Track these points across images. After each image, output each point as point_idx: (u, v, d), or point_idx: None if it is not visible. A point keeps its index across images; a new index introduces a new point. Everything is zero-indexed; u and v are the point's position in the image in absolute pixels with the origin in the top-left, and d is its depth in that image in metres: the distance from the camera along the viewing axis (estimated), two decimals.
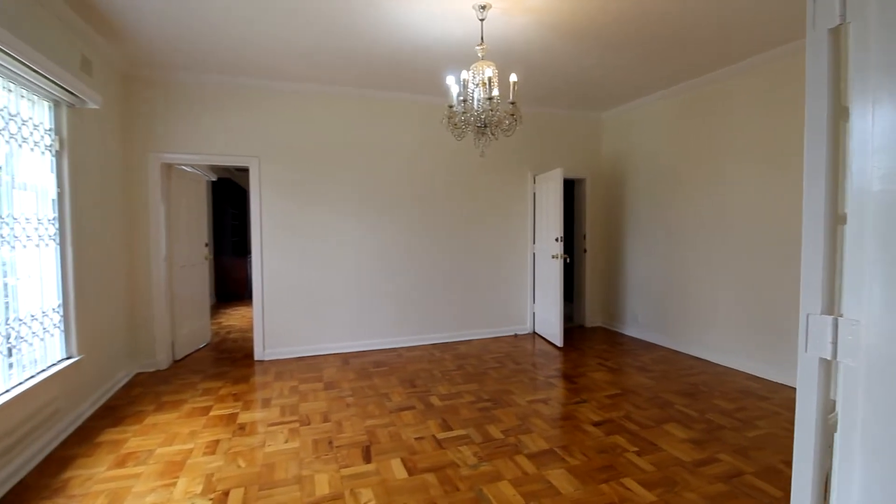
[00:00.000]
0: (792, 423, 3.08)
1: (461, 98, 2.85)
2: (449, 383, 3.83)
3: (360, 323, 4.88)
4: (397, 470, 2.48)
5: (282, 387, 3.78)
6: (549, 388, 3.75)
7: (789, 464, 2.53)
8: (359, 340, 4.88)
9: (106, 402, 3.46)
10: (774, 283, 3.88)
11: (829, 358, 1.06)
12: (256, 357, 4.56)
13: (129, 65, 4.01)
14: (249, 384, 3.86)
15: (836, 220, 1.07)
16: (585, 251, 5.85)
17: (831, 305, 1.07)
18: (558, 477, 2.41)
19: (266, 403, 3.43)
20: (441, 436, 2.88)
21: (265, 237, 4.52)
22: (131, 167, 4.13)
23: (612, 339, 5.29)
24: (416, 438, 2.84)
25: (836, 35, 1.05)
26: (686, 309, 4.72)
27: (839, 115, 1.05)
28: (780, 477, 2.41)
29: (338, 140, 4.73)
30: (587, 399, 3.48)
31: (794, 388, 3.61)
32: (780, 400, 3.45)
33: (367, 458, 2.60)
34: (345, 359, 4.57)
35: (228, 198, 8.37)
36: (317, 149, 4.66)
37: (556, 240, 4.85)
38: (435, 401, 3.45)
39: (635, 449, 2.70)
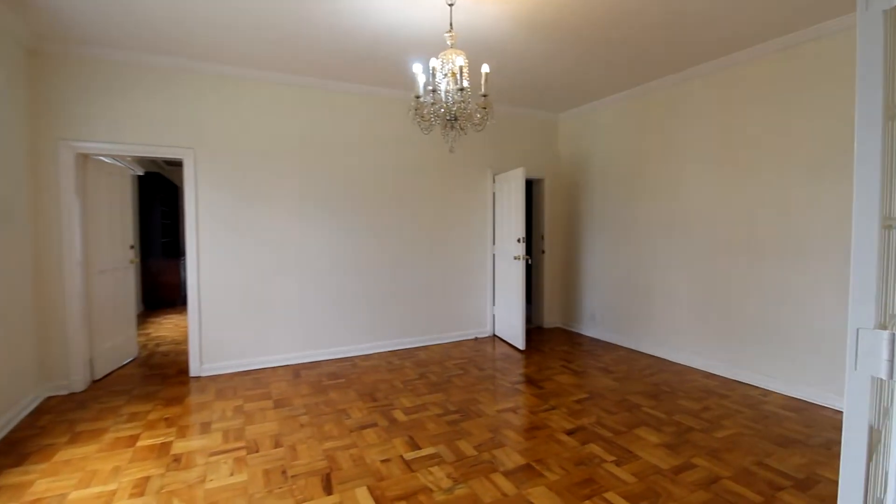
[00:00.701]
0: (754, 420, 3.15)
1: (430, 88, 2.62)
2: (412, 394, 3.59)
3: (312, 331, 4.52)
4: (364, 501, 2.21)
5: (224, 407, 3.37)
6: (516, 395, 3.61)
7: (762, 465, 2.54)
8: (311, 350, 4.51)
9: (7, 436, 2.91)
10: (729, 282, 3.98)
11: (883, 377, 0.95)
12: (192, 373, 4.08)
13: (35, 38, 3.42)
14: (185, 405, 3.41)
15: (886, 225, 0.97)
16: (544, 252, 5.82)
17: (885, 319, 0.97)
18: (540, 496, 2.25)
19: (205, 428, 3.02)
20: (409, 456, 2.64)
21: (202, 238, 4.05)
22: (39, 157, 3.53)
23: (572, 340, 5.28)
24: (381, 461, 2.59)
25: (892, 18, 0.95)
26: (643, 309, 4.78)
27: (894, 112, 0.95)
28: (756, 480, 2.39)
29: (287, 133, 4.34)
30: (556, 405, 3.38)
31: (749, 385, 3.60)
32: (739, 397, 3.53)
33: (329, 489, 2.31)
34: (296, 371, 4.19)
35: (157, 194, 7.59)
36: (263, 142, 4.25)
37: (518, 241, 4.74)
38: (399, 415, 3.20)
39: (613, 458, 2.61)
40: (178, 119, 3.94)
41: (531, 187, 5.98)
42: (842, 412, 3.19)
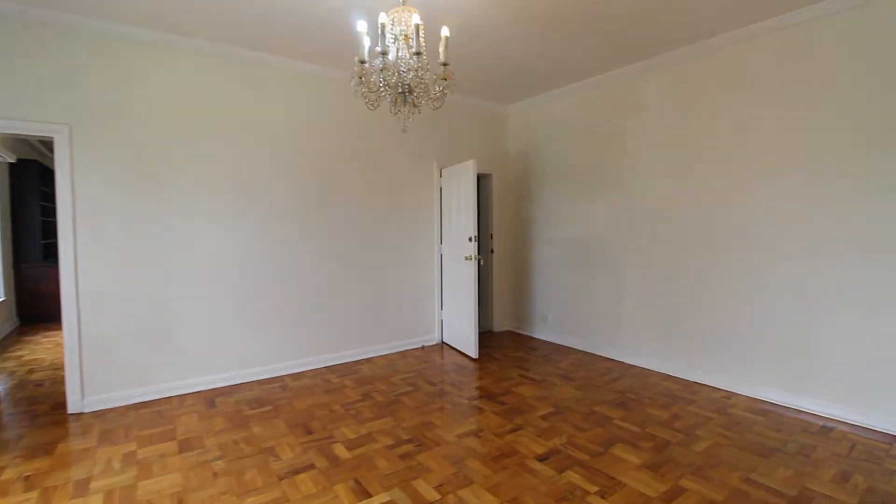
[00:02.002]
0: (726, 428, 2.95)
1: (378, 50, 2.11)
2: (355, 421, 3.05)
3: (230, 347, 3.80)
4: None
5: (110, 455, 2.62)
6: (476, 413, 3.20)
7: (751, 482, 2.32)
8: (229, 371, 3.79)
9: None
10: (687, 282, 3.84)
11: None
12: (71, 409, 3.23)
13: None
14: (56, 456, 2.62)
15: None
16: (493, 251, 5.48)
17: None
18: None
19: (81, 488, 2.29)
20: None
21: (81, 237, 3.21)
22: None
23: (525, 345, 4.98)
24: None
25: None
26: (598, 310, 4.58)
27: None
28: (751, 502, 2.15)
29: (196, 112, 3.59)
30: (522, 424, 3.00)
31: (711, 387, 3.30)
32: (704, 402, 3.37)
33: None
34: (209, 399, 3.47)
35: (36, 186, 6.31)
36: (163, 121, 3.48)
37: (470, 239, 4.34)
38: (341, 451, 2.65)
39: (596, 489, 2.27)
40: (48, 86, 3.09)
41: (479, 183, 5.61)
42: (807, 413, 3.07)
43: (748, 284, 3.47)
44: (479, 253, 5.13)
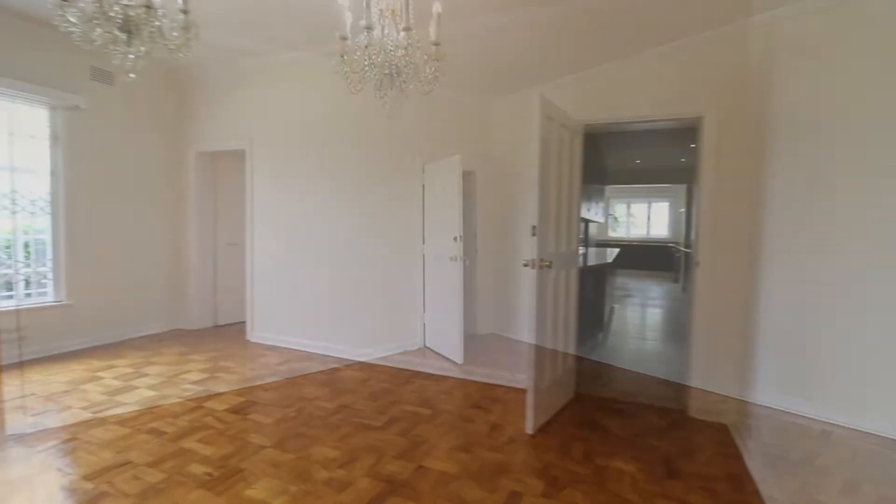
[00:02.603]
0: (726, 434, 2.87)
1: (364, 25, 1.88)
2: (335, 437, 2.79)
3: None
4: None
5: (52, 486, 2.29)
6: (465, 424, 2.99)
7: (761, 497, 2.19)
8: (193, 383, 3.47)
9: None
10: (677, 283, 3.73)
11: None
12: (11, 430, 2.85)
13: None
14: None
15: None
16: (476, 251, 5.28)
17: None
18: None
19: None
20: None
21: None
22: None
23: (512, 348, 4.80)
24: None
25: None
26: (585, 312, 4.43)
27: None
28: None
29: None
30: (514, 437, 2.81)
31: (706, 391, 3.08)
32: (700, 406, 3.26)
33: None
34: (173, 414, 3.13)
35: None
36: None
37: (455, 239, 4.14)
38: (319, 473, 2.39)
39: None
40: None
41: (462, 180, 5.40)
42: (801, 416, 2.98)
43: (735, 284, 3.37)
44: (463, 253, 4.91)
